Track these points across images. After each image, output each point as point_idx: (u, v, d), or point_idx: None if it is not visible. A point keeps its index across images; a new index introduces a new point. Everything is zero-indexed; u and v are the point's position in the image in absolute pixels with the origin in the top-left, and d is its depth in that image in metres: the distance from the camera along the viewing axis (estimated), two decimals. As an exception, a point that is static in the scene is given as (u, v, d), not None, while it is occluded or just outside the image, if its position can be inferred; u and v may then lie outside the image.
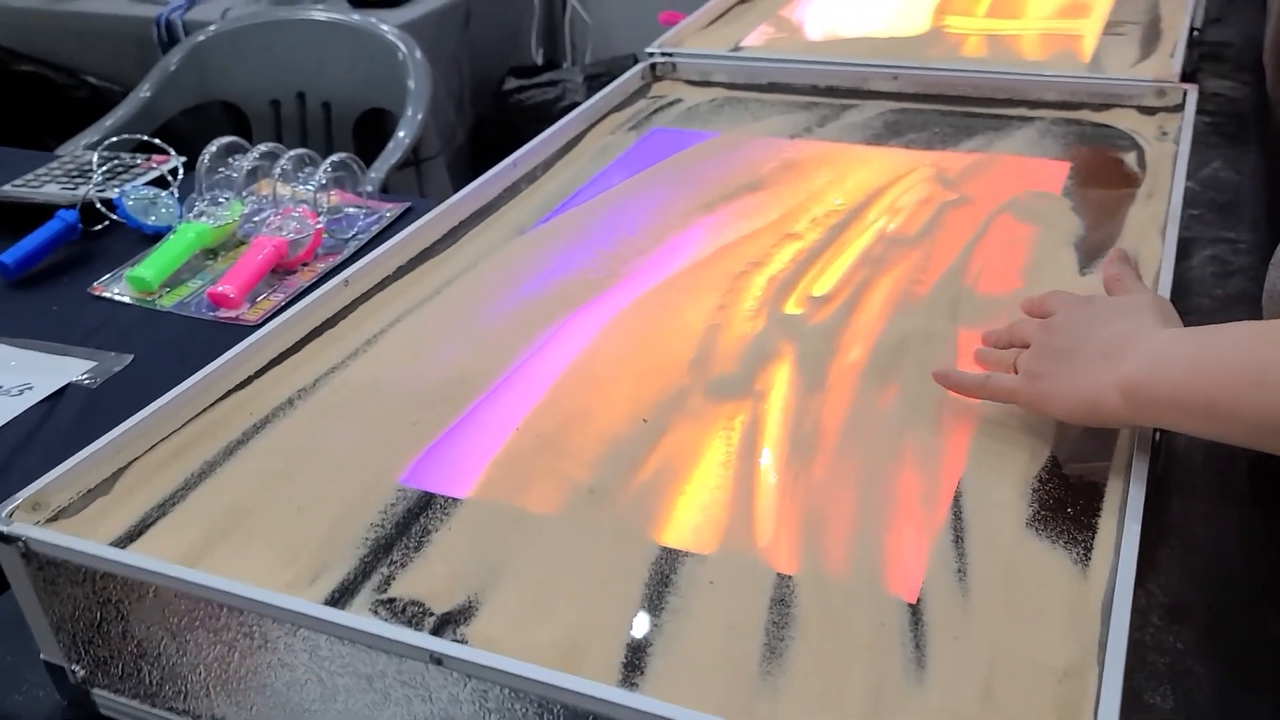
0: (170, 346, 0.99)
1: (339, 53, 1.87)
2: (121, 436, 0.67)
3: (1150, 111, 1.06)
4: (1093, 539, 0.57)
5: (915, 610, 0.54)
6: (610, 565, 0.58)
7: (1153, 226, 0.85)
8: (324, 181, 1.12)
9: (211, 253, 1.13)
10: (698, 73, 1.26)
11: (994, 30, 1.32)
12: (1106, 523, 0.58)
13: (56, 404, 0.93)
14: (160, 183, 1.23)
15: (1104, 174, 0.96)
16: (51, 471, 0.64)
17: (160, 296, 1.07)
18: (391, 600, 0.57)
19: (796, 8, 1.47)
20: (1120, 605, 0.50)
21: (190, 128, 1.90)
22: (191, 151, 1.20)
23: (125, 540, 0.62)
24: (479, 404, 0.73)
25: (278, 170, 1.14)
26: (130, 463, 0.68)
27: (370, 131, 1.94)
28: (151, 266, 1.07)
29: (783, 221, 0.93)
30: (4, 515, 0.60)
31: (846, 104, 1.16)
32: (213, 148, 1.17)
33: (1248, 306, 0.90)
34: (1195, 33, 1.17)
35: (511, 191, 1.03)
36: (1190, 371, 0.56)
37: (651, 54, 1.29)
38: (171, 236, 1.11)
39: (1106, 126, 1.05)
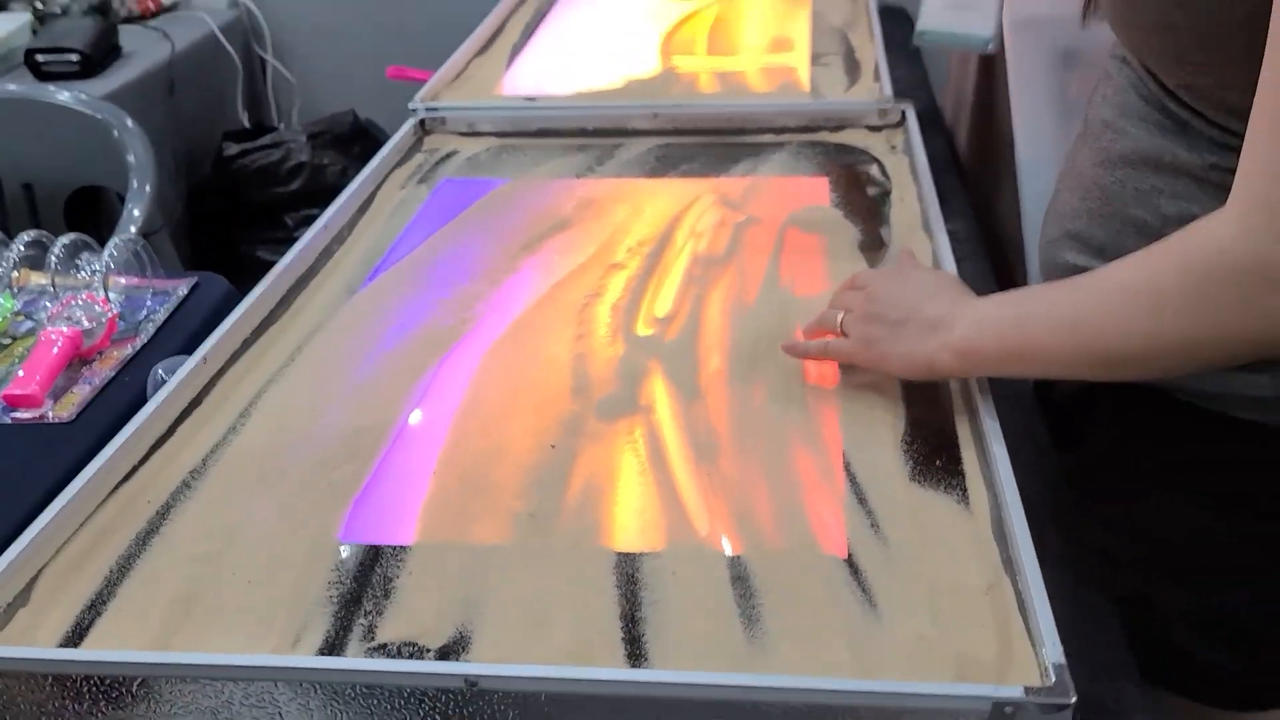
0: (-24, 457, 0.92)
1: (38, 131, 1.74)
2: (27, 547, 0.64)
3: (877, 129, 1.24)
4: (964, 481, 0.70)
5: (851, 563, 0.63)
6: (579, 576, 0.63)
7: (915, 224, 1.01)
8: (111, 265, 1.07)
9: (-19, 354, 1.05)
10: (465, 124, 1.32)
11: (719, 68, 1.47)
12: (970, 466, 0.71)
13: None
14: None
15: (859, 185, 1.12)
16: (-36, 593, 0.60)
17: (-59, 407, 0.98)
18: (384, 645, 0.59)
19: (532, 58, 1.55)
20: (1020, 526, 0.62)
21: None
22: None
23: (70, 643, 0.59)
24: (385, 456, 0.75)
25: (52, 259, 1.07)
26: (40, 570, 0.64)
27: (79, 211, 1.82)
28: (-78, 376, 0.98)
29: (603, 254, 1.01)
30: (-66, 643, 0.56)
31: (615, 143, 1.26)
32: (-38, 243, 1.08)
33: (981, 286, 1.08)
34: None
35: (325, 255, 1.03)
36: (1014, 330, 0.68)
37: (415, 109, 1.32)
38: (-63, 340, 1.02)
39: (846, 145, 1.22)
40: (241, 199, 2.02)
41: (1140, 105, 0.71)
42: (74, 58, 1.88)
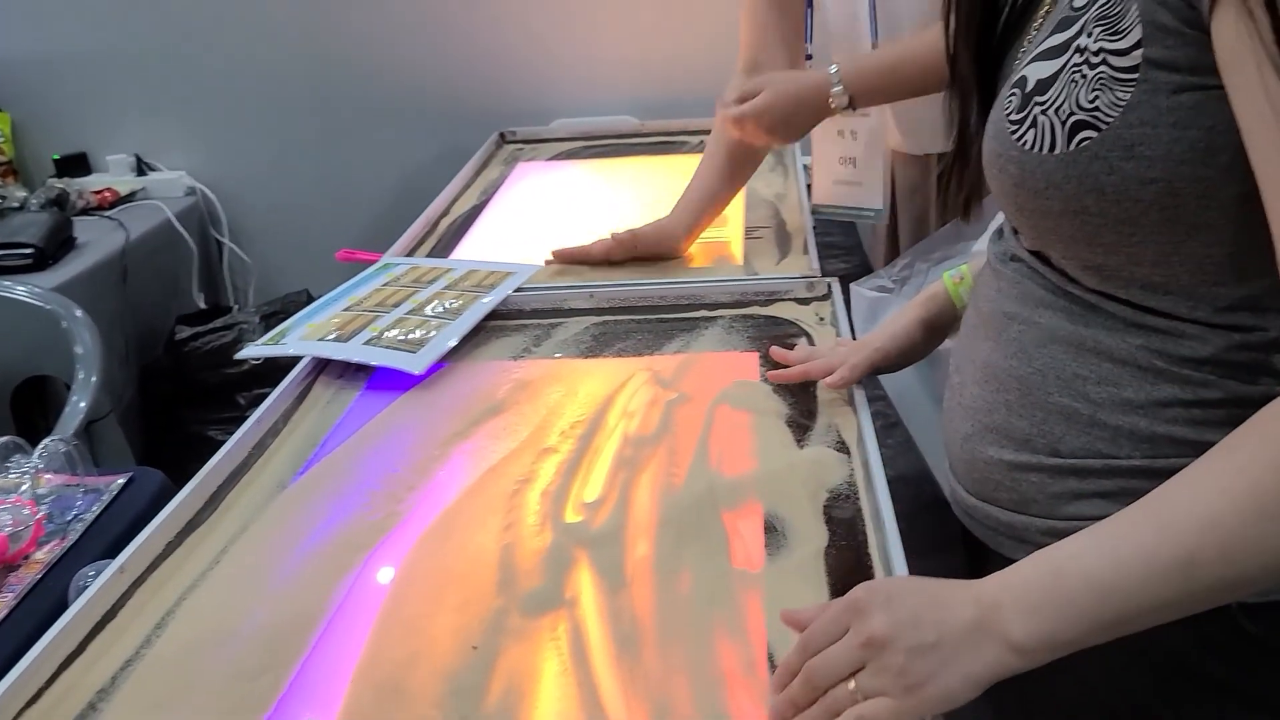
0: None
1: (-13, 323, 1.76)
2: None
3: (805, 302, 1.27)
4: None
5: (773, 764, 0.62)
6: (494, 792, 0.61)
7: (840, 399, 1.03)
8: (39, 466, 1.07)
9: (-96, 563, 1.03)
10: (406, 309, 1.34)
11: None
12: (894, 653, 0.70)
13: None
14: None
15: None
16: None
17: None
18: None
19: (475, 241, 1.59)
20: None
21: None
22: None
23: None
24: (303, 665, 0.73)
25: (-20, 462, 1.07)
26: (-71, 812, 0.62)
27: (26, 400, 1.82)
28: None
29: (535, 438, 1.02)
30: None
31: (554, 323, 1.28)
32: (-109, 448, 1.07)
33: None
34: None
35: (259, 449, 1.03)
36: (1098, 597, 0.56)
37: (357, 296, 1.34)
38: None
39: (776, 318, 1.25)
40: (194, 380, 2.02)
41: (1043, 294, 0.72)
42: (27, 251, 1.91)
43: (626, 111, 2.22)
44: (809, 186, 1.51)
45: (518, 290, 1.32)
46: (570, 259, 1.41)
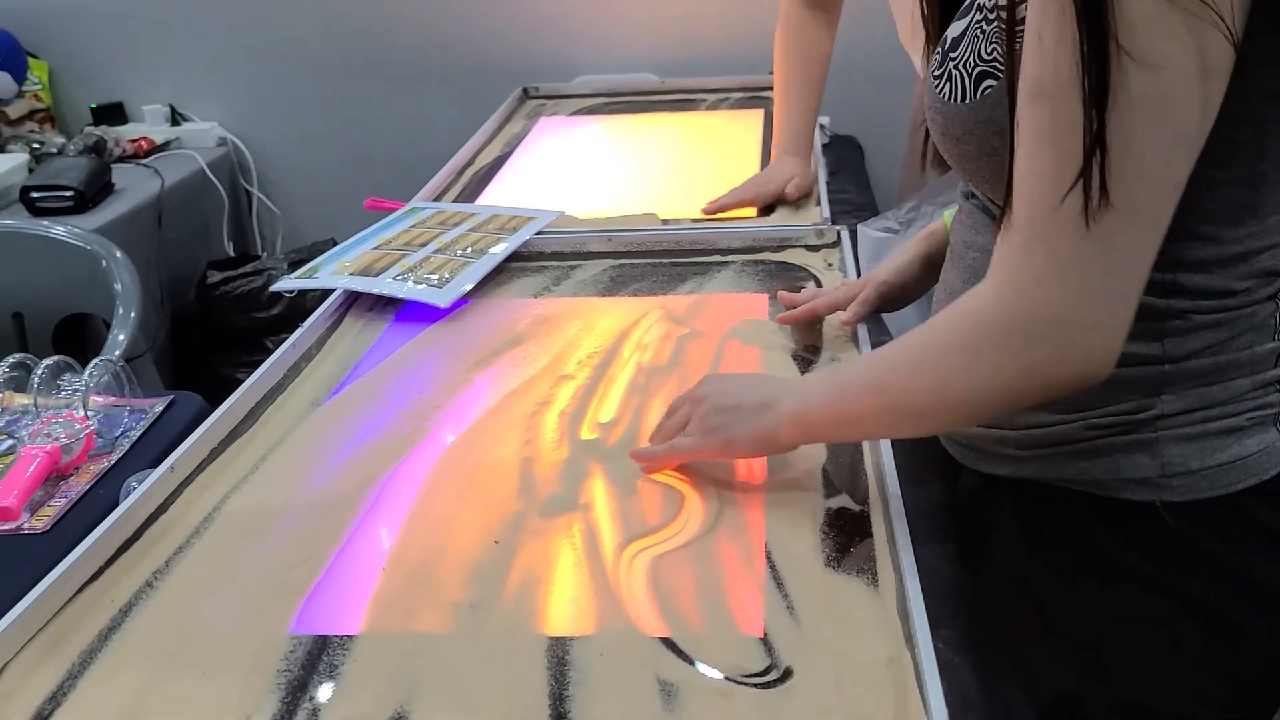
0: (-48, 567, 0.96)
1: (31, 262, 1.83)
2: (-7, 641, 0.68)
3: (815, 249, 1.33)
4: (875, 566, 0.75)
5: (766, 641, 0.68)
6: (512, 659, 0.68)
7: (844, 335, 1.08)
8: (90, 385, 1.13)
9: (-38, 471, 1.10)
10: (432, 250, 1.40)
11: (674, 192, 1.56)
12: (880, 552, 0.76)
13: None
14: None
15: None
16: (-66, 683, 0.64)
17: (-78, 521, 1.02)
18: (325, 728, 0.63)
19: (500, 188, 1.65)
20: (917, 605, 0.67)
21: None
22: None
23: (33, 733, 0.63)
24: (338, 555, 0.80)
25: (35, 380, 1.13)
26: (4, 664, 0.69)
27: (67, 337, 1.89)
28: (-95, 492, 1.03)
29: (553, 366, 1.08)
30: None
31: (573, 265, 1.34)
32: (-50, 367, 1.14)
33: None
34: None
35: (294, 371, 1.10)
36: (837, 396, 0.77)
37: (386, 237, 1.40)
38: (-79, 459, 1.07)
39: (786, 264, 1.30)
40: (223, 324, 2.10)
41: (990, 223, 0.79)
42: (68, 194, 1.98)
43: (647, 69, 2.27)
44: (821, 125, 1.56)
45: (539, 233, 1.38)
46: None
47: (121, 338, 1.68)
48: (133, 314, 1.74)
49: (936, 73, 0.76)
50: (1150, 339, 0.71)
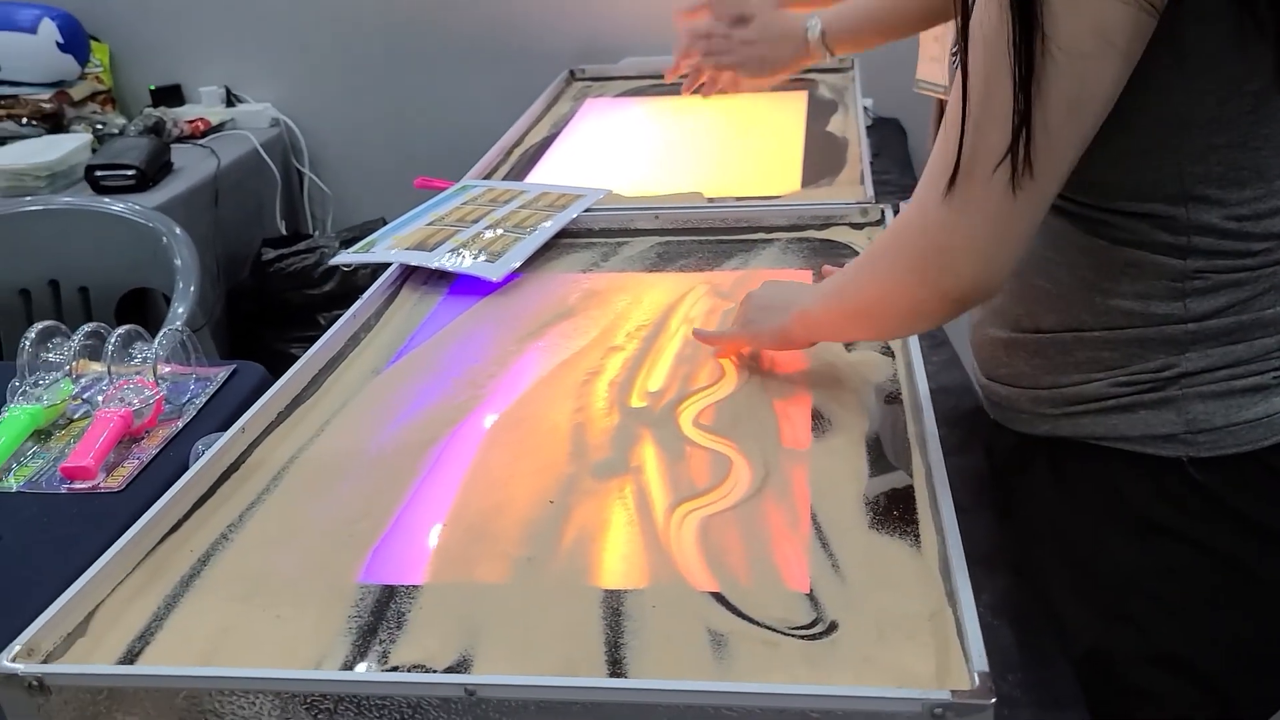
0: (35, 521, 1.02)
1: (96, 239, 1.89)
2: (85, 586, 0.73)
3: (859, 227, 1.35)
4: (917, 528, 0.77)
5: (812, 596, 0.71)
6: (569, 609, 0.71)
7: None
8: (160, 353, 1.18)
9: (40, 433, 1.15)
10: (484, 226, 1.43)
11: (719, 169, 1.59)
12: (923, 514, 0.79)
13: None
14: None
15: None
16: (34, 623, 0.69)
17: (5, 478, 1.08)
18: (395, 668, 0.67)
19: (548, 167, 1.68)
20: (959, 563, 0.70)
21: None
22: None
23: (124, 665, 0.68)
24: (401, 512, 0.84)
25: (109, 348, 1.19)
26: (97, 607, 0.73)
27: (129, 311, 1.95)
28: (-9, 451, 1.09)
29: (603, 338, 1.11)
30: (8, 660, 0.65)
31: (620, 241, 1.37)
32: (31, 334, 1.20)
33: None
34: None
35: (354, 341, 1.14)
36: (827, 298, 0.89)
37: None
38: (3, 420, 1.12)
39: (830, 241, 1.32)
40: (277, 300, 2.15)
41: None
42: (130, 173, 2.04)
43: (693, 52, 2.28)
44: (865, 108, 1.59)
45: (587, 211, 1.41)
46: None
47: (181, 311, 1.74)
48: (192, 289, 1.79)
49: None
50: (1172, 299, 0.74)
